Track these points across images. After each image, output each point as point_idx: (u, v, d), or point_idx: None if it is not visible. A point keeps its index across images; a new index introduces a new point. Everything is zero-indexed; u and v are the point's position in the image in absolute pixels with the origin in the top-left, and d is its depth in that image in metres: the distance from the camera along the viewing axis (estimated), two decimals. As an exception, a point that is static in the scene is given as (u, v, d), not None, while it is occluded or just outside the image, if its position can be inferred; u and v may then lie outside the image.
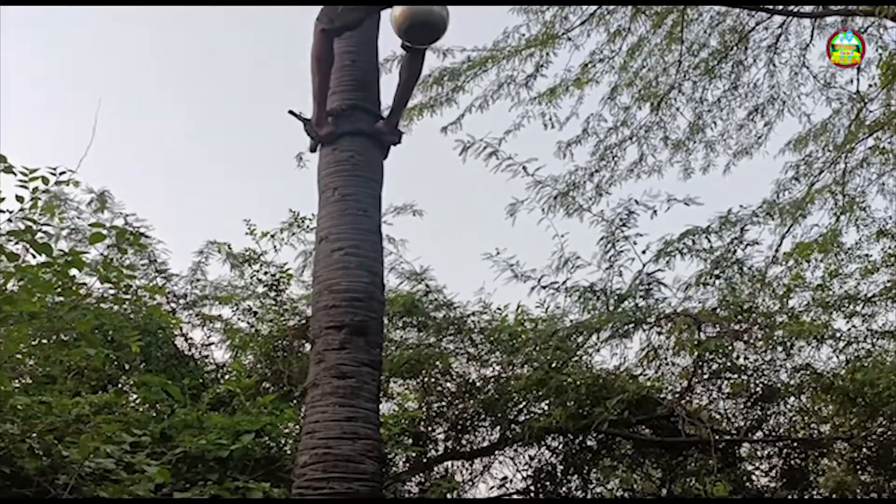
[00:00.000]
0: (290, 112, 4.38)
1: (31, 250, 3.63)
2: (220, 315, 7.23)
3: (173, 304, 7.02)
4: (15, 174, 3.59)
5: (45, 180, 3.56)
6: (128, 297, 5.27)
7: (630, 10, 7.93)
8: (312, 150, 4.45)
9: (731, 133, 8.35)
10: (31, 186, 3.57)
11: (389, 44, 4.60)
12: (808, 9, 7.87)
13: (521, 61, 7.97)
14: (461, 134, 7.78)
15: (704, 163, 8.47)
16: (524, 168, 6.82)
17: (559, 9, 7.86)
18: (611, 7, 7.92)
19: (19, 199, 3.55)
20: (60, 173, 3.58)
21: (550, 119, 7.99)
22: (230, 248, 7.39)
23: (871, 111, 7.74)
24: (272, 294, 7.14)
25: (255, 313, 7.26)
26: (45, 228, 3.76)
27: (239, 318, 7.24)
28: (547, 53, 7.91)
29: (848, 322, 6.74)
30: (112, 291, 4.86)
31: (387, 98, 4.66)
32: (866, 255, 7.23)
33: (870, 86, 7.77)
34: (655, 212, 6.55)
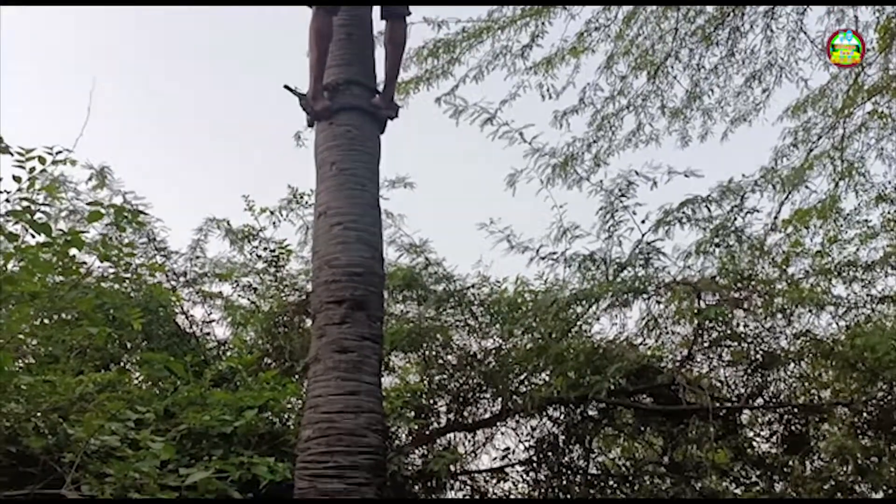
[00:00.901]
0: (287, 87, 4.38)
1: (31, 230, 3.62)
2: (220, 292, 7.25)
3: (173, 282, 7.03)
4: (11, 154, 3.58)
5: (41, 160, 3.55)
6: (128, 275, 5.28)
7: (626, -24, 7.87)
8: (309, 125, 4.46)
9: (729, 100, 8.30)
10: (28, 166, 3.56)
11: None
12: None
13: (517, 31, 7.91)
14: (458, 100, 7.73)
15: (702, 131, 8.43)
16: (521, 135, 6.80)
17: (555, -23, 7.80)
18: (607, -25, 7.86)
19: (16, 178, 3.55)
20: (57, 153, 3.57)
21: (547, 89, 7.94)
22: (229, 225, 7.39)
23: (869, 75, 7.71)
24: (272, 270, 7.15)
25: (256, 289, 7.27)
26: (43, 208, 3.75)
27: (239, 295, 7.27)
28: (543, 23, 7.84)
29: (847, 288, 6.77)
30: (112, 270, 4.87)
31: (382, 72, 4.66)
32: (865, 220, 7.24)
33: (867, 49, 7.71)
34: (655, 183, 6.55)
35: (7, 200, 3.65)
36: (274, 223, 7.24)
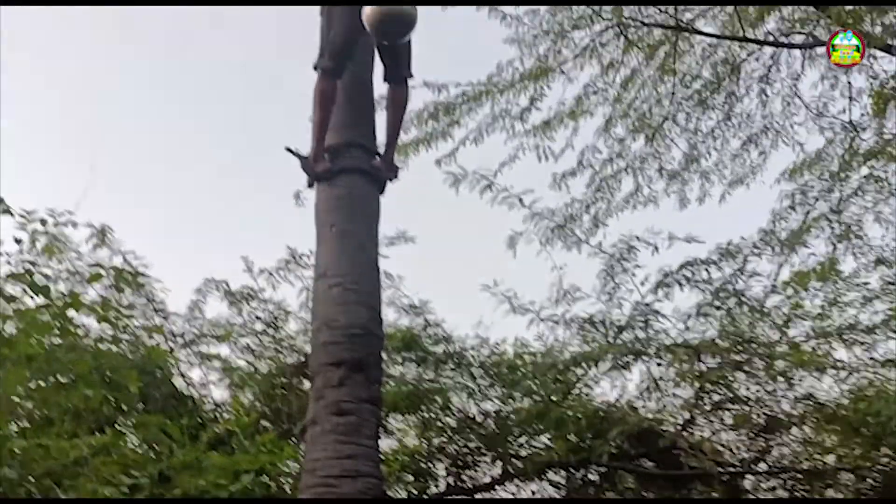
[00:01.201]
0: (288, 149, 4.41)
1: (30, 292, 3.62)
2: (218, 353, 7.21)
3: (171, 344, 7.00)
4: (13, 216, 3.59)
5: (43, 222, 3.56)
6: (125, 336, 5.25)
7: (622, 42, 8.00)
8: (310, 185, 4.47)
9: (726, 163, 8.35)
10: (30, 229, 3.58)
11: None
12: (797, 39, 7.97)
13: (516, 94, 8.02)
14: (455, 167, 7.80)
15: (700, 193, 8.47)
16: (520, 200, 6.85)
17: (552, 42, 7.92)
18: (603, 40, 7.98)
19: (17, 241, 3.56)
20: (59, 215, 3.59)
21: (545, 151, 8.01)
22: (228, 286, 7.38)
23: (864, 140, 7.78)
24: (270, 331, 7.13)
25: (254, 351, 7.23)
26: (43, 270, 3.75)
27: (237, 357, 7.22)
28: (541, 87, 7.95)
29: (849, 351, 6.73)
30: (110, 331, 4.85)
31: (383, 134, 4.70)
32: (865, 283, 7.22)
33: (862, 115, 7.82)
34: (657, 248, 6.58)
35: (8, 262, 3.66)
36: (273, 285, 7.25)
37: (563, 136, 8.14)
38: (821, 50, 7.73)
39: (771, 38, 7.92)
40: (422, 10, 4.23)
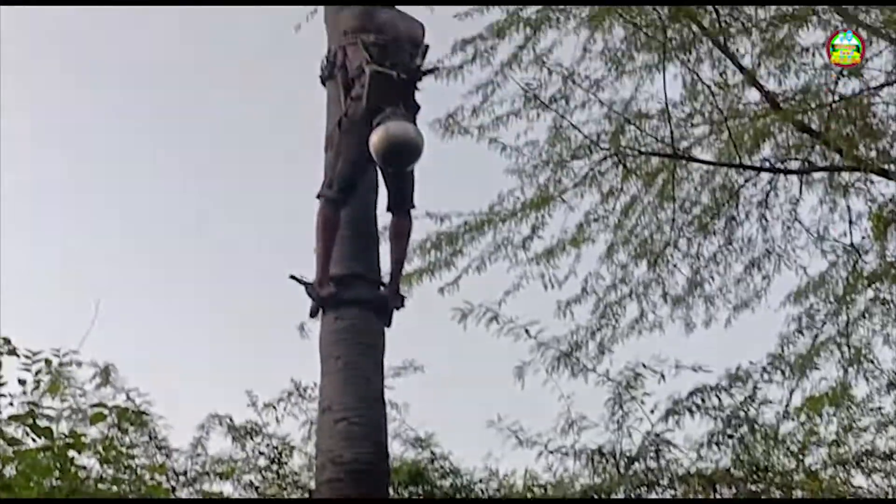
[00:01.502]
0: (293, 277, 4.38)
1: (32, 434, 3.56)
2: (221, 491, 7.03)
3: (173, 482, 6.84)
4: (18, 356, 3.58)
5: (48, 362, 3.55)
6: (126, 477, 5.14)
7: (621, 171, 8.15)
8: (313, 314, 4.39)
9: (730, 287, 8.37)
10: (34, 369, 3.56)
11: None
12: (794, 165, 8.12)
13: (518, 223, 8.11)
14: (458, 295, 7.81)
15: (706, 317, 8.45)
16: (527, 331, 6.84)
17: (552, 172, 8.06)
18: (602, 168, 8.13)
19: (21, 382, 3.53)
20: (63, 354, 3.57)
21: (549, 279, 8.03)
22: (231, 422, 7.27)
23: (867, 262, 7.82)
24: (274, 467, 6.98)
25: (257, 488, 7.06)
26: (46, 411, 3.71)
27: (241, 494, 7.04)
28: (542, 215, 8.05)
29: (868, 479, 6.56)
30: (111, 471, 4.75)
31: (387, 263, 4.72)
32: (878, 407, 7.12)
33: (863, 238, 7.89)
34: (663, 376, 6.52)
35: (10, 403, 3.62)
36: (277, 418, 7.15)
37: (566, 263, 8.20)
38: (818, 175, 7.87)
39: (767, 165, 8.07)
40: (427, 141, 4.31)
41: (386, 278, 4.58)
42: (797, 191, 8.16)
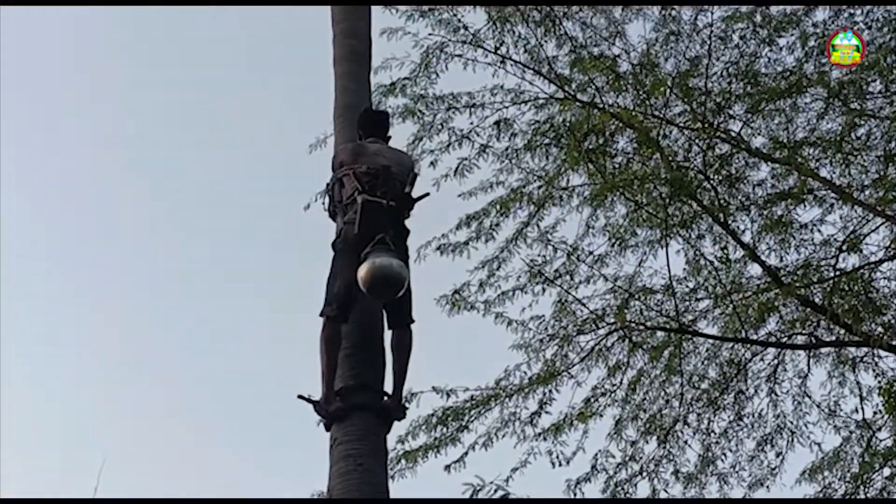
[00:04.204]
0: (300, 397, 4.47)
1: None
2: None
3: None
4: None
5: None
6: None
7: (627, 345, 8.13)
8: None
9: (743, 464, 8.18)
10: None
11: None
12: (800, 340, 8.10)
13: (524, 398, 8.01)
14: (465, 472, 7.62)
15: (719, 495, 8.21)
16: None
17: (559, 347, 8.05)
18: (609, 342, 8.12)
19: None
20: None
21: (557, 457, 7.84)
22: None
23: (880, 439, 7.68)
24: None
25: None
26: None
27: None
28: (549, 391, 7.97)
29: None
30: None
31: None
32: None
33: (875, 413, 7.77)
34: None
35: None
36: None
37: (574, 439, 8.03)
38: (825, 350, 7.84)
39: (773, 339, 8.05)
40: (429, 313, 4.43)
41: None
42: (805, 365, 8.12)
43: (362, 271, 4.34)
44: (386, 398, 4.53)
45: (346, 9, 5.84)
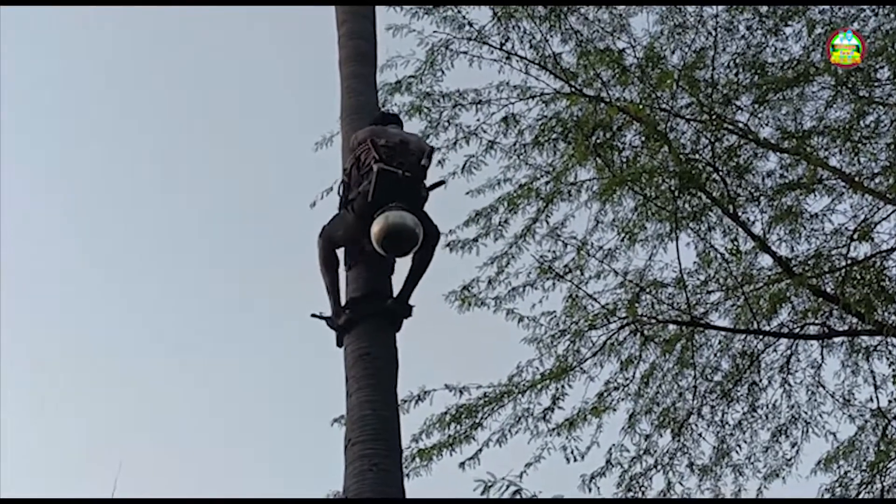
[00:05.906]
0: (314, 315, 4.68)
1: None
2: None
3: None
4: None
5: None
6: None
7: (639, 339, 8.11)
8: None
9: (758, 456, 8.16)
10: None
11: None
12: (813, 330, 8.07)
13: (537, 394, 7.99)
14: (479, 469, 7.61)
15: (734, 488, 8.19)
16: (552, 506, 6.57)
17: (571, 342, 8.03)
18: (621, 337, 8.09)
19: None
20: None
21: (572, 452, 7.82)
22: None
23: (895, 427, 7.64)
24: None
25: None
26: None
27: None
28: (562, 386, 7.95)
29: None
30: None
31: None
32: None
33: (889, 401, 7.74)
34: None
35: None
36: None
37: (588, 433, 8.02)
38: (838, 339, 7.81)
39: (786, 330, 8.02)
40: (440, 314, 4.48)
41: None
42: (818, 355, 8.09)
43: (375, 226, 4.39)
44: (390, 301, 4.64)
45: (350, 9, 5.86)
